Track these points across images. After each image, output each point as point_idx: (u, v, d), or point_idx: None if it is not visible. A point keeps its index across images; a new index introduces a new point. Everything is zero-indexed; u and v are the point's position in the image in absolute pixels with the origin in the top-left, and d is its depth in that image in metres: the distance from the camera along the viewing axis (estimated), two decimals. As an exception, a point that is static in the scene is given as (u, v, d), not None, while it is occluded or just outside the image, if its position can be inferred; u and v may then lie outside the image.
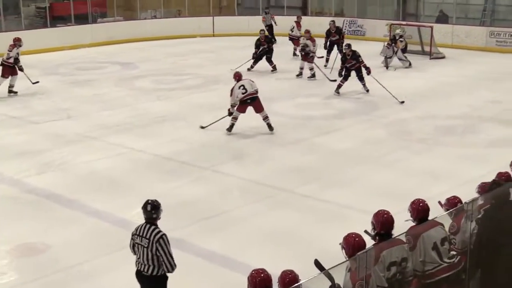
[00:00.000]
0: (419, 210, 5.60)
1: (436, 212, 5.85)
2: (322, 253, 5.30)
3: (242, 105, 12.27)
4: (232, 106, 12.32)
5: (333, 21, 19.83)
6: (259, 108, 12.45)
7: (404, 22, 22.65)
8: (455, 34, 22.45)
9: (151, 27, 24.81)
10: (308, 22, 24.12)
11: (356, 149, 11.57)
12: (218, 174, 10.48)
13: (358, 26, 24.31)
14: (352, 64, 15.21)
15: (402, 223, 5.61)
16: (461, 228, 5.71)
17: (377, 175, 10.29)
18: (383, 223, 5.27)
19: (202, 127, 12.77)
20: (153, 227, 5.93)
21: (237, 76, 12.54)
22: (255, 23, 22.69)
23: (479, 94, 15.67)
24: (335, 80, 15.86)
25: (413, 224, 5.61)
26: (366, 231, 5.35)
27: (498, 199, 5.90)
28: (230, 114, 12.47)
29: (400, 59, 18.92)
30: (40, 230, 8.44)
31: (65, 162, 11.04)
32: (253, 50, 18.35)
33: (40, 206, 9.28)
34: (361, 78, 15.36)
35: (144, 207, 5.99)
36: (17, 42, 15.61)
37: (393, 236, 5.26)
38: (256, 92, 12.30)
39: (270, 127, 12.41)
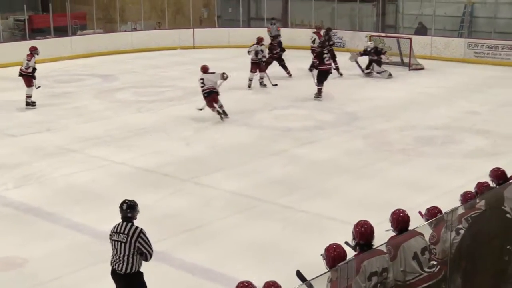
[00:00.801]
0: (399, 220, 5.63)
1: (416, 222, 5.88)
2: (303, 264, 5.32)
3: (204, 97, 13.82)
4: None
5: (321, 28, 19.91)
6: (211, 102, 13.78)
7: (383, 34, 22.85)
8: (433, 46, 22.67)
9: (131, 39, 24.79)
10: (289, 34, 24.33)
11: (336, 160, 11.60)
12: (200, 186, 10.45)
13: (338, 37, 24.43)
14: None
15: (383, 234, 5.63)
16: (441, 238, 5.74)
17: (358, 186, 10.32)
18: (362, 234, 5.31)
19: (200, 109, 14.08)
20: (130, 224, 6.08)
21: (202, 69, 14.04)
22: (236, 35, 22.80)
23: (458, 105, 15.80)
24: (276, 85, 17.41)
25: (394, 234, 5.63)
26: (346, 242, 5.37)
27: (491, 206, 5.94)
28: None
29: (378, 72, 19.06)
30: (18, 243, 8.35)
31: (44, 175, 10.94)
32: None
33: (18, 219, 9.18)
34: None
35: (120, 206, 6.16)
36: (34, 51, 15.53)
37: (374, 247, 5.28)
38: (212, 88, 13.40)
39: (223, 114, 13.86)
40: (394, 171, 11.06)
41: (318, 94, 16.01)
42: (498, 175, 6.82)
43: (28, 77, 15.41)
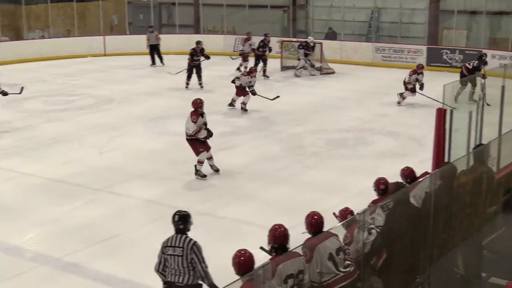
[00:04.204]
0: (313, 223, 5.74)
1: (331, 224, 5.99)
2: (220, 270, 5.32)
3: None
4: None
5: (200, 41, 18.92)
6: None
7: (294, 39, 23.19)
8: (343, 50, 23.24)
9: (40, 47, 24.09)
10: (201, 40, 24.27)
11: (252, 164, 11.66)
12: (114, 195, 10.28)
13: (250, 43, 24.60)
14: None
15: (299, 236, 5.70)
16: (354, 238, 5.87)
17: (274, 190, 10.41)
18: (276, 238, 5.39)
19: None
20: (184, 236, 5.91)
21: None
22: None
23: (368, 107, 16.22)
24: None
25: (309, 236, 5.71)
26: (262, 247, 5.44)
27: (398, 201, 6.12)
28: None
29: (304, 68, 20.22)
30: None
31: (-50, 189, 10.50)
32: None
33: None
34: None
35: (172, 218, 6.03)
36: None
37: (289, 249, 5.33)
38: (186, 134, 11.08)
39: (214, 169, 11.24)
40: (308, 174, 11.23)
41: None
42: (407, 174, 7.06)
43: None
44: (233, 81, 15.74)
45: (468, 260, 6.82)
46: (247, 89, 15.53)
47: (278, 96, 15.61)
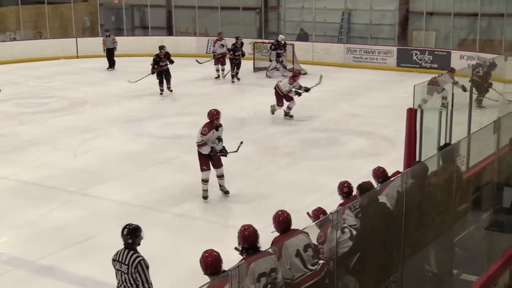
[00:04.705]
0: (280, 221, 5.83)
1: (306, 223, 6.09)
2: (194, 272, 5.35)
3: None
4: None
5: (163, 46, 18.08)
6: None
7: (266, 41, 23.28)
8: (315, 51, 23.40)
9: (11, 49, 23.89)
10: (174, 41, 24.32)
11: (227, 165, 11.67)
12: (89, 197, 10.29)
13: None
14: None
15: (270, 236, 5.82)
16: (327, 238, 5.97)
17: (247, 190, 10.49)
18: (246, 238, 5.46)
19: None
20: (131, 252, 5.72)
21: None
22: (120, 43, 22.46)
23: (340, 108, 16.38)
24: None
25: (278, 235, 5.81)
26: (236, 248, 5.51)
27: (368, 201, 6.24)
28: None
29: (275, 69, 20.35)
30: None
31: None
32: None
33: None
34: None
35: (122, 231, 5.79)
36: None
37: (260, 249, 5.42)
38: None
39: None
40: (281, 174, 11.33)
41: None
42: (379, 173, 7.19)
43: None
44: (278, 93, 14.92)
45: (440, 257, 6.87)
46: (290, 94, 14.97)
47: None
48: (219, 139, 9.95)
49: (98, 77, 20.92)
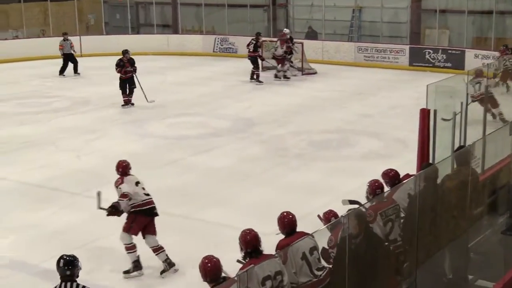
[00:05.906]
0: (286, 223, 5.81)
1: (317, 226, 5.86)
2: (197, 274, 5.15)
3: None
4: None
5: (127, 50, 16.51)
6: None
7: (275, 39, 22.89)
8: (325, 50, 23.03)
9: (13, 47, 23.60)
10: (179, 40, 24.01)
11: (233, 167, 11.47)
12: (92, 199, 9.88)
13: (230, 43, 24.38)
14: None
15: (277, 238, 5.73)
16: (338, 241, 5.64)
17: (255, 192, 10.29)
18: (248, 242, 5.38)
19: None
20: (74, 284, 5.20)
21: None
22: (125, 42, 22.13)
23: (351, 108, 16.05)
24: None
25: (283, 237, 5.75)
26: (238, 260, 5.42)
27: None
28: None
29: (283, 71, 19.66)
30: None
31: None
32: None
33: None
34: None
35: (57, 263, 5.24)
36: None
37: (263, 252, 5.36)
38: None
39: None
40: (290, 176, 11.10)
41: None
42: (391, 176, 6.89)
43: None
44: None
45: (455, 263, 6.79)
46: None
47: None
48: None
49: (102, 76, 20.57)
